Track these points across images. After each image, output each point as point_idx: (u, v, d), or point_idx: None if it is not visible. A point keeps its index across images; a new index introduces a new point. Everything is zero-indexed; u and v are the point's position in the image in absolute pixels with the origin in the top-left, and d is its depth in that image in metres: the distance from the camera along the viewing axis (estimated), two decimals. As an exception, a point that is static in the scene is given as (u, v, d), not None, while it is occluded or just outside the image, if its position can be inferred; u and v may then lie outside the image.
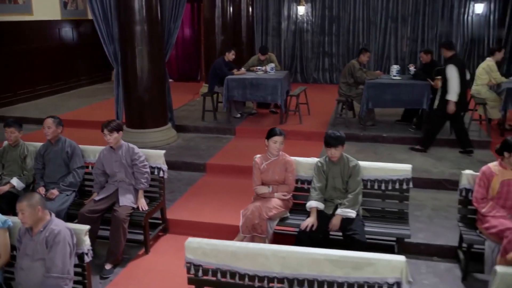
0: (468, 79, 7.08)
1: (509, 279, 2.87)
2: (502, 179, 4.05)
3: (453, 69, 6.54)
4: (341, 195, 4.27)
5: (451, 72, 6.54)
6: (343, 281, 3.13)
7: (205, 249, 3.29)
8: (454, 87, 6.55)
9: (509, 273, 2.89)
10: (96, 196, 4.70)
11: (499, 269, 2.92)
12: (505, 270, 2.92)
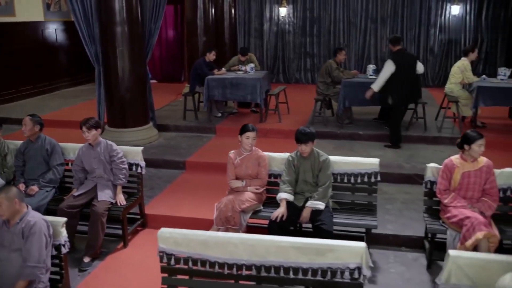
0: (421, 73, 7.42)
1: (459, 261, 3.07)
2: (463, 171, 4.26)
3: (388, 64, 7.00)
4: (311, 188, 4.45)
5: (386, 67, 7.04)
6: (308, 267, 3.30)
7: (177, 238, 3.44)
8: (380, 79, 7.06)
9: (459, 256, 3.09)
10: (75, 192, 4.83)
11: (451, 253, 3.12)
12: (456, 254, 3.11)
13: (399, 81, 6.94)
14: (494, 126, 8.20)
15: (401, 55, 7.13)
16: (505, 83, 7.64)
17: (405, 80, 6.98)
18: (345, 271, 3.26)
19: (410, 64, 7.10)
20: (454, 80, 7.95)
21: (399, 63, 6.92)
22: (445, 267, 3.12)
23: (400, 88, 6.99)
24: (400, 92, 7.02)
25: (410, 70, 7.07)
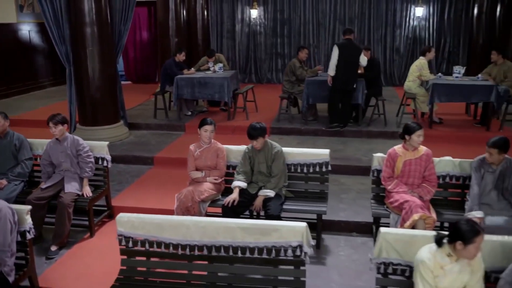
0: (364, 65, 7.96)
1: (387, 237, 3.41)
2: (404, 159, 4.61)
3: (334, 49, 7.78)
4: (265, 178, 4.76)
5: (333, 52, 7.81)
6: (254, 246, 3.60)
7: (134, 222, 3.72)
8: (331, 63, 7.76)
9: (387, 233, 3.43)
10: (43, 185, 5.06)
11: (381, 230, 3.46)
12: (385, 231, 3.45)
13: (340, 66, 7.61)
14: (451, 121, 8.62)
15: (347, 44, 7.78)
16: (459, 81, 8.06)
17: (343, 67, 7.64)
18: (288, 249, 3.57)
19: (353, 54, 7.72)
20: (412, 78, 8.37)
21: (342, 49, 7.62)
22: (377, 243, 3.46)
23: (337, 72, 7.64)
24: (337, 76, 7.66)
25: (351, 59, 7.69)
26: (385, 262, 3.45)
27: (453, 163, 4.79)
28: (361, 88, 7.98)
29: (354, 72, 7.76)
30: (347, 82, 7.70)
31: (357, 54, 7.70)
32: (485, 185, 4.46)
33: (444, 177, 4.81)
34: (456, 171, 4.77)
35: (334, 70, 7.68)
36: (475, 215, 4.27)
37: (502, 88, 7.83)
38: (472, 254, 2.85)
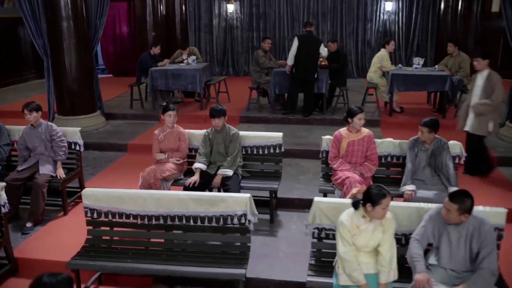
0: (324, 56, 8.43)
1: (320, 205, 3.90)
2: (348, 140, 5.09)
3: (295, 41, 8.27)
4: (223, 158, 5.22)
5: (293, 43, 8.32)
6: (204, 215, 4.07)
7: (98, 195, 4.18)
8: (290, 54, 8.30)
9: (320, 201, 3.92)
10: (19, 167, 5.47)
11: (315, 199, 3.94)
12: (318, 199, 3.93)
13: (299, 56, 8.13)
14: (412, 110, 9.14)
15: (307, 36, 8.32)
16: (417, 71, 8.57)
17: (303, 57, 8.16)
18: (234, 218, 4.05)
19: (313, 46, 8.22)
20: (374, 69, 8.87)
21: (302, 40, 8.16)
22: (311, 211, 3.94)
23: (298, 63, 8.17)
24: (298, 66, 8.18)
25: (311, 50, 8.19)
26: (318, 227, 3.94)
27: (394, 144, 5.28)
28: (325, 78, 8.46)
29: (314, 63, 8.24)
30: (308, 72, 8.18)
31: (317, 46, 8.19)
32: (419, 163, 4.96)
33: (386, 157, 5.31)
34: (397, 151, 5.26)
35: (292, 60, 8.22)
36: (407, 188, 4.77)
37: (456, 78, 8.35)
38: (379, 215, 3.33)
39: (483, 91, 5.82)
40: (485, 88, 5.79)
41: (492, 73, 5.82)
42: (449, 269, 3.46)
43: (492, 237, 3.39)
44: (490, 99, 5.76)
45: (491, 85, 5.72)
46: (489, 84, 5.74)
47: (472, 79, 6.14)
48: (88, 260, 4.01)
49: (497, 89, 5.75)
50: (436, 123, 4.79)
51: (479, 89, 5.88)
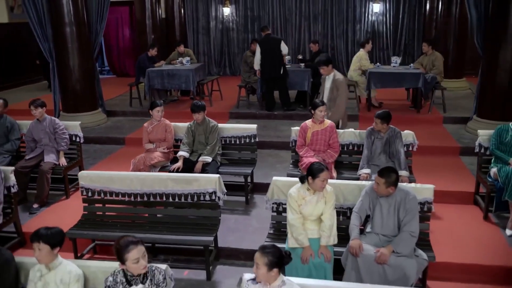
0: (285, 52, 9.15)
1: (277, 183, 4.61)
2: (313, 130, 5.79)
3: (257, 47, 9.16)
4: (203, 147, 5.95)
5: (256, 49, 9.19)
6: (181, 193, 4.80)
7: (92, 176, 4.93)
8: (255, 59, 9.16)
9: (277, 180, 4.63)
10: (26, 157, 6.24)
11: (273, 178, 4.65)
12: (276, 178, 4.65)
13: (264, 58, 8.90)
14: (391, 105, 9.77)
15: (266, 39, 9.10)
16: (394, 69, 9.24)
17: (268, 57, 8.93)
18: (206, 195, 4.77)
19: (273, 46, 8.97)
20: (353, 68, 9.56)
21: (262, 44, 9.00)
22: (269, 189, 4.66)
23: (264, 63, 8.92)
24: (265, 67, 8.96)
25: (272, 51, 8.94)
26: (276, 202, 4.66)
27: (354, 133, 5.99)
28: (307, 76, 9.16)
29: (279, 61, 8.99)
30: (274, 69, 8.96)
31: (277, 45, 8.98)
32: (375, 149, 5.64)
33: (348, 145, 6.01)
34: (357, 140, 5.96)
35: (258, 65, 9.03)
36: (363, 172, 5.45)
37: (429, 76, 9.01)
38: (319, 186, 4.03)
39: (330, 93, 6.43)
40: (332, 90, 6.40)
41: (336, 75, 6.44)
42: (381, 235, 4.14)
43: (415, 205, 4.07)
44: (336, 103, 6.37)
45: (336, 87, 6.35)
46: (334, 86, 6.37)
47: (322, 81, 6.77)
48: (83, 230, 4.76)
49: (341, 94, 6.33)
50: (387, 115, 5.48)
51: (327, 91, 6.51)
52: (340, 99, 6.37)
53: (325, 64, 6.43)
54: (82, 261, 3.67)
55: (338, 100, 6.37)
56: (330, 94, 6.44)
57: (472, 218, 5.53)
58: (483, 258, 4.63)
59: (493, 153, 5.51)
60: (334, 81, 6.40)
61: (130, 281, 3.09)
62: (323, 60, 6.44)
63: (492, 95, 7.74)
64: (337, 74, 6.48)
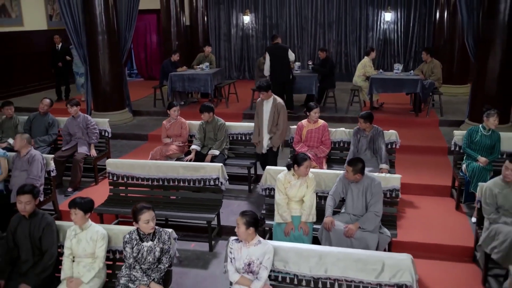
0: (292, 60, 9.98)
1: (269, 171, 5.49)
2: (308, 129, 6.65)
3: (267, 55, 9.89)
4: (213, 142, 6.89)
5: (266, 56, 9.94)
6: (190, 178, 5.74)
7: (117, 164, 5.92)
8: (265, 66, 9.88)
9: (270, 168, 5.52)
10: (63, 148, 7.30)
11: (267, 167, 5.54)
12: (268, 167, 5.53)
13: (273, 65, 9.68)
14: (394, 109, 10.58)
15: (274, 47, 9.90)
16: (395, 76, 9.99)
17: (277, 64, 9.72)
18: (211, 180, 5.69)
19: (281, 53, 9.77)
20: (358, 74, 10.36)
21: (271, 52, 9.74)
22: (263, 176, 5.55)
23: (274, 69, 9.72)
24: (275, 73, 9.72)
25: (281, 58, 9.75)
26: (268, 187, 5.54)
27: (345, 132, 6.81)
28: (314, 81, 10.02)
29: (286, 66, 9.82)
30: (283, 74, 9.77)
31: (285, 53, 9.80)
32: (361, 146, 6.46)
33: (339, 143, 6.84)
34: (347, 138, 6.78)
35: (268, 71, 9.81)
36: (349, 165, 6.28)
37: (428, 82, 9.73)
38: (303, 172, 4.88)
39: (271, 116, 6.46)
40: (273, 113, 6.45)
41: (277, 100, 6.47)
42: (352, 214, 4.98)
43: (379, 190, 4.89)
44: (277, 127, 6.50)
45: (278, 111, 6.42)
46: (276, 110, 6.43)
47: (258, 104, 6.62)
48: (109, 207, 5.76)
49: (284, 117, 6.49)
50: (369, 115, 6.30)
51: (266, 114, 6.50)
52: (283, 123, 6.50)
53: (265, 89, 6.41)
54: (106, 225, 4.61)
55: (281, 124, 6.47)
56: (271, 117, 6.48)
57: (445, 208, 6.30)
58: (446, 240, 5.42)
59: (464, 151, 6.26)
60: (276, 105, 6.44)
61: (142, 238, 4.03)
62: (264, 86, 6.40)
63: (482, 101, 8.39)
64: (277, 98, 6.53)
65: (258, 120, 6.61)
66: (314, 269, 3.95)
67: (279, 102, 6.50)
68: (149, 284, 3.96)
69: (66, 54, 12.18)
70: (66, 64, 12.18)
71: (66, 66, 12.19)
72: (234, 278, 3.93)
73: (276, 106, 6.47)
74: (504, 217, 4.68)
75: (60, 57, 12.13)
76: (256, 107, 6.69)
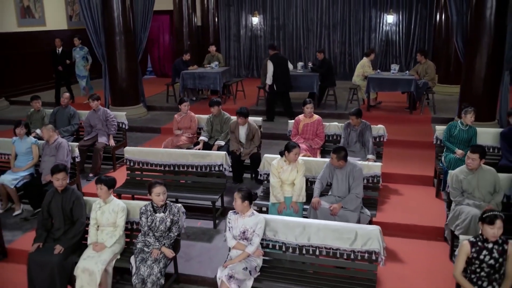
0: (292, 69, 10.66)
1: (266, 159, 6.26)
2: (304, 123, 7.41)
3: (269, 64, 10.30)
4: (219, 134, 7.67)
5: (268, 65, 10.33)
6: (198, 164, 6.53)
7: (134, 151, 6.74)
8: (269, 75, 10.29)
9: (267, 156, 6.28)
10: (85, 138, 8.14)
11: (264, 155, 6.31)
12: (266, 155, 6.30)
13: (277, 74, 10.23)
14: (391, 107, 11.27)
15: (276, 57, 10.40)
16: (391, 76, 10.69)
17: (280, 74, 10.31)
18: (216, 166, 6.48)
19: (282, 63, 10.41)
20: (357, 74, 11.08)
21: (274, 61, 10.26)
22: (261, 163, 6.32)
23: (278, 79, 10.28)
24: (278, 81, 10.30)
25: (282, 67, 10.38)
26: (266, 173, 6.30)
27: (338, 126, 7.56)
28: (315, 80, 10.76)
29: (288, 76, 10.51)
30: (285, 84, 10.45)
31: (286, 62, 10.54)
32: (351, 139, 7.20)
33: (333, 136, 7.59)
34: (340, 131, 7.52)
35: (271, 79, 10.30)
36: (339, 155, 7.02)
37: (421, 82, 10.42)
38: (292, 158, 5.63)
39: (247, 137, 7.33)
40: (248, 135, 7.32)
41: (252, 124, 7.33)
42: (337, 196, 5.72)
43: (360, 175, 5.62)
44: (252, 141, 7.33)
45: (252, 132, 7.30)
46: (250, 132, 7.31)
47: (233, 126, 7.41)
48: (126, 189, 6.58)
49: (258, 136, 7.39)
50: (358, 112, 7.04)
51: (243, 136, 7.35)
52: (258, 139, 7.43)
53: (245, 116, 7.25)
54: (125, 200, 5.41)
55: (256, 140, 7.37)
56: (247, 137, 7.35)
57: (426, 195, 7.02)
58: (422, 221, 6.14)
59: (444, 144, 6.97)
60: (251, 129, 7.32)
61: (156, 210, 4.83)
62: (245, 113, 7.24)
63: (469, 100, 9.06)
64: (252, 123, 7.41)
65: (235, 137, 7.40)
66: (299, 238, 4.72)
67: (253, 126, 7.37)
68: (160, 248, 4.76)
69: (66, 58, 12.35)
70: (66, 68, 12.37)
71: (66, 69, 12.39)
72: (232, 243, 4.71)
73: (252, 130, 7.34)
74: (467, 199, 5.40)
75: (60, 61, 12.28)
76: (231, 127, 7.46)
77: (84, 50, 12.54)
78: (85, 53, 12.54)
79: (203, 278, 5.23)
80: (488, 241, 4.01)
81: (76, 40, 12.58)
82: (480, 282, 4.03)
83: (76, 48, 12.55)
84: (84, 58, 12.56)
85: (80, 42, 12.59)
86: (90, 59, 12.61)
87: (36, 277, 4.90)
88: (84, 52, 12.54)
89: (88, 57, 12.58)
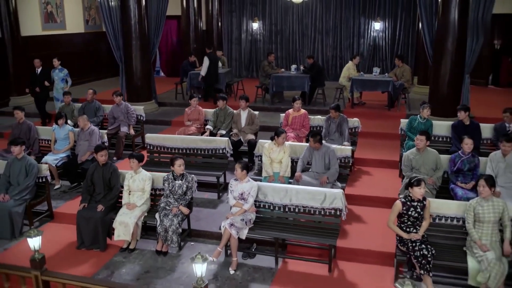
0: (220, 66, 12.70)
1: (261, 143, 7.82)
2: (292, 116, 8.95)
3: (205, 59, 12.58)
4: (223, 124, 9.22)
5: (204, 61, 12.58)
6: (205, 148, 8.08)
7: (153, 137, 8.33)
8: (204, 69, 12.54)
9: (261, 141, 7.85)
10: (109, 128, 9.70)
11: (259, 141, 7.87)
12: (261, 141, 7.86)
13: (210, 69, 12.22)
14: (373, 105, 12.81)
15: (211, 55, 12.41)
16: (372, 77, 12.23)
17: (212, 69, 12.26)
18: (219, 150, 8.04)
19: (216, 61, 12.27)
20: (343, 75, 12.62)
21: (211, 59, 12.21)
22: (257, 147, 7.87)
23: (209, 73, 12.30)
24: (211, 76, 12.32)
25: (216, 64, 12.29)
26: (260, 155, 7.84)
27: (321, 119, 9.11)
28: (307, 81, 12.31)
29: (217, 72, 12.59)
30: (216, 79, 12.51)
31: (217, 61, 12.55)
32: (331, 130, 8.73)
33: (316, 127, 9.14)
34: (322, 123, 9.05)
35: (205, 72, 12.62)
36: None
37: (398, 83, 11.96)
38: (280, 142, 7.15)
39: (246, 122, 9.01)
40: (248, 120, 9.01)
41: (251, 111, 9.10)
42: (315, 172, 7.25)
43: (334, 154, 7.15)
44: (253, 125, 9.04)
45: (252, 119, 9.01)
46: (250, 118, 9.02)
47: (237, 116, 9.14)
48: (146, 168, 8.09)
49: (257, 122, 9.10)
50: (337, 107, 8.59)
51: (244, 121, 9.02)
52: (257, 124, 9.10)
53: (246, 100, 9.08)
54: (151, 172, 6.96)
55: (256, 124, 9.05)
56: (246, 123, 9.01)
57: (391, 175, 8.55)
58: (383, 193, 7.66)
59: (406, 134, 8.51)
60: (250, 115, 9.02)
61: (175, 178, 6.39)
62: (246, 97, 9.09)
63: (437, 99, 10.60)
64: (251, 110, 9.13)
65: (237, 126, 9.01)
66: (283, 199, 6.27)
67: (253, 113, 9.07)
68: (178, 207, 6.31)
69: (45, 79, 11.51)
70: (44, 89, 11.61)
71: (43, 91, 11.61)
72: (232, 202, 6.26)
73: (251, 116, 9.01)
74: (415, 174, 6.94)
75: (38, 82, 11.45)
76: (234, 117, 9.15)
77: (63, 72, 11.61)
78: (65, 75, 11.62)
79: (211, 232, 6.78)
80: (414, 200, 5.56)
81: (55, 61, 11.55)
82: (407, 228, 5.59)
83: (55, 69, 11.57)
84: (63, 80, 11.61)
85: (59, 63, 11.62)
86: (69, 81, 11.74)
87: (83, 229, 6.46)
88: (63, 74, 11.61)
89: (68, 79, 11.68)
